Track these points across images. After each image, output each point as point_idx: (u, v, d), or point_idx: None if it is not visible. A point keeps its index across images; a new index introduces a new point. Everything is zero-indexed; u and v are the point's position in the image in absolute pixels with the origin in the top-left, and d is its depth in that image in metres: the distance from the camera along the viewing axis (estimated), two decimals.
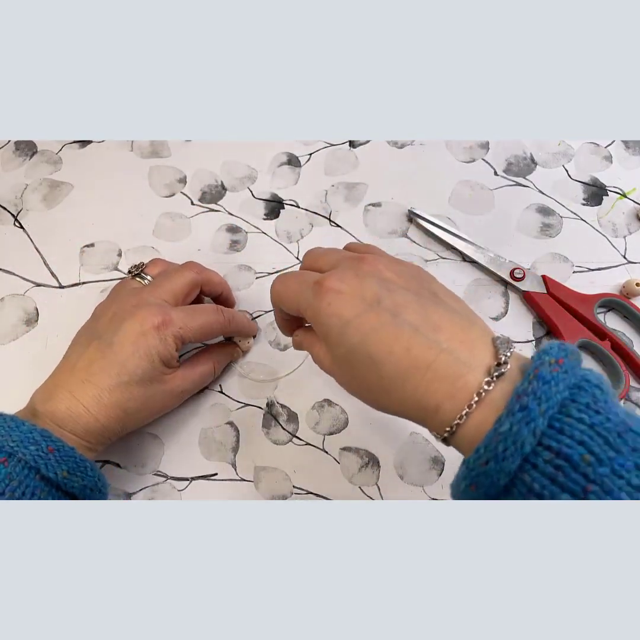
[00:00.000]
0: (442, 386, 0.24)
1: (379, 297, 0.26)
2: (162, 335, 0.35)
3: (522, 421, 0.22)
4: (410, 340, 0.25)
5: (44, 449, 0.29)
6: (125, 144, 0.53)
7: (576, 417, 0.22)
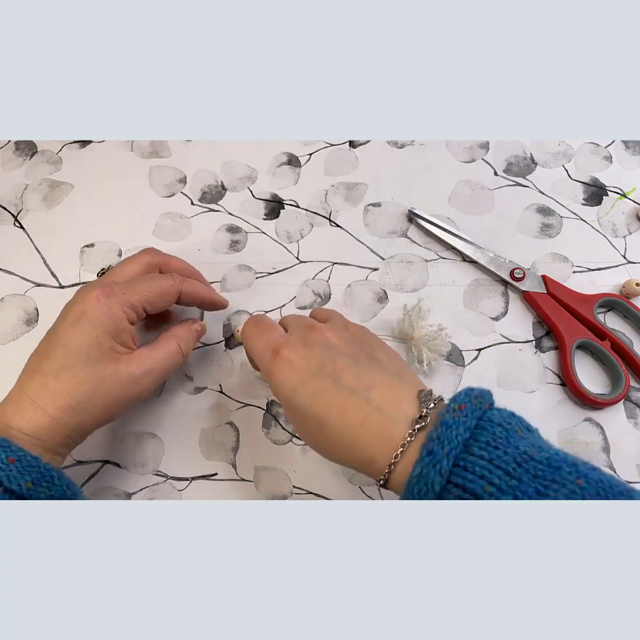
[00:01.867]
0: (373, 440, 0.28)
1: (323, 364, 0.30)
2: (103, 306, 0.32)
3: (429, 464, 0.25)
4: (346, 403, 0.29)
5: (3, 460, 0.28)
6: (125, 144, 0.53)
7: (477, 454, 0.25)
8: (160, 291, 0.35)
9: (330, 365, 0.30)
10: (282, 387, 0.30)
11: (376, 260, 0.47)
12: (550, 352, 0.43)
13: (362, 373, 0.30)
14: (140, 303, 0.34)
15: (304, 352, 0.31)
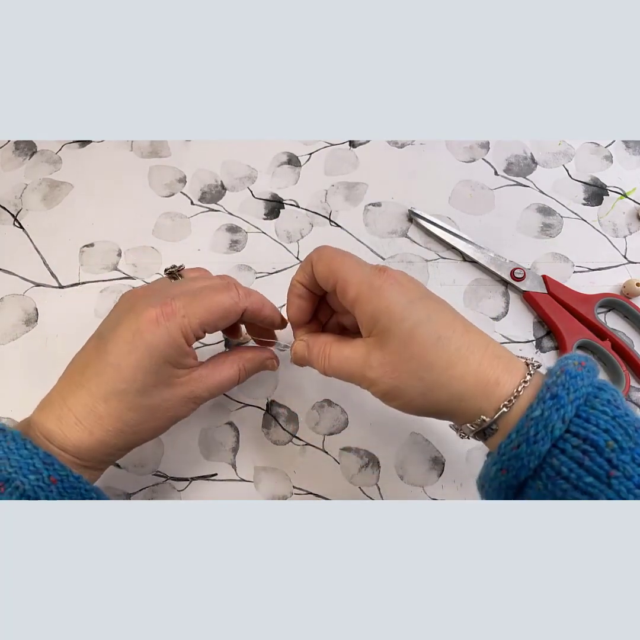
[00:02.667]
0: (501, 362, 0.27)
1: (429, 292, 0.30)
2: (162, 330, 0.28)
3: (552, 408, 0.24)
4: (467, 326, 0.29)
5: (45, 479, 0.26)
6: (125, 143, 0.52)
7: (600, 409, 0.24)
8: (221, 311, 0.31)
9: (439, 297, 0.30)
10: (396, 296, 0.28)
11: (376, 260, 0.47)
12: (550, 352, 0.43)
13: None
14: (201, 326, 0.30)
15: (406, 278, 0.30)
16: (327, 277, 0.30)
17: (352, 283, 0.29)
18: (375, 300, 0.28)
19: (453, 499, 0.38)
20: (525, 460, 0.25)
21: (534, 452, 0.24)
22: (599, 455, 0.23)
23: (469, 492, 0.38)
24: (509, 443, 0.25)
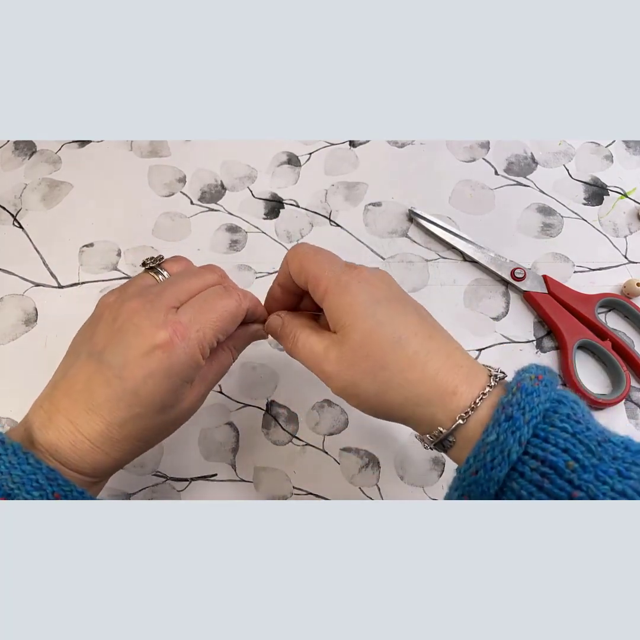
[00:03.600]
0: (461, 372, 0.27)
1: (402, 294, 0.30)
2: (180, 351, 0.27)
3: (508, 430, 0.23)
4: (432, 332, 0.28)
5: (49, 495, 0.25)
6: (124, 143, 0.52)
7: (559, 426, 0.23)
8: (230, 317, 0.30)
9: (410, 299, 0.30)
10: (362, 294, 0.28)
11: (376, 260, 0.47)
12: (551, 352, 0.43)
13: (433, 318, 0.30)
14: (215, 337, 0.29)
15: (378, 277, 0.30)
16: (299, 274, 0.30)
17: (322, 278, 0.29)
18: (341, 297, 0.28)
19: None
20: (484, 487, 0.24)
21: (492, 478, 0.23)
22: (559, 477, 0.22)
23: None
24: (468, 468, 0.24)
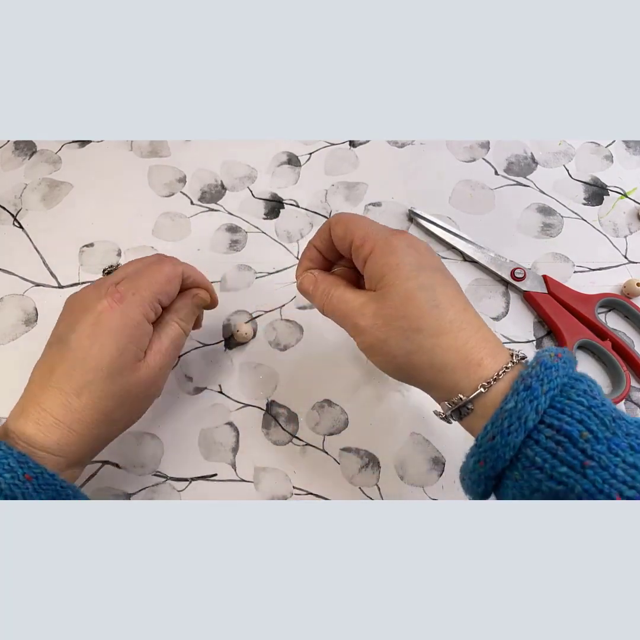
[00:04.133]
0: (488, 346, 0.28)
1: (445, 268, 0.31)
2: (119, 313, 0.30)
3: (526, 399, 0.25)
4: (467, 306, 0.29)
5: (20, 477, 0.26)
6: (124, 143, 0.52)
7: (575, 399, 0.25)
8: (165, 278, 0.33)
9: (449, 273, 0.31)
10: (408, 259, 0.29)
11: None
12: None
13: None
14: (153, 297, 0.32)
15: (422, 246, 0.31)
16: (344, 237, 0.31)
17: (369, 239, 0.30)
18: (388, 256, 0.29)
19: (453, 499, 0.38)
20: (500, 452, 0.25)
21: (508, 444, 0.25)
22: (573, 445, 0.23)
23: None
24: (485, 435, 0.26)
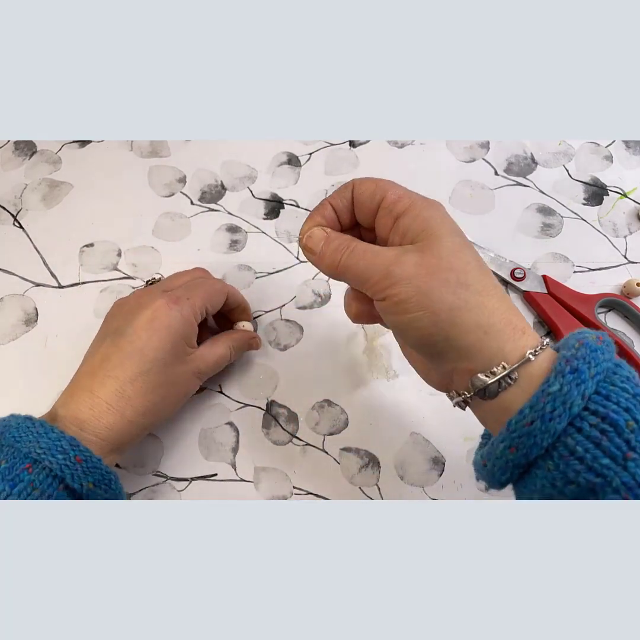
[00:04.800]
0: (525, 321, 0.27)
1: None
2: (175, 312, 0.34)
3: (572, 382, 0.23)
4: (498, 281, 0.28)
5: (71, 459, 0.28)
6: (124, 143, 0.52)
7: (620, 386, 0.23)
8: (215, 291, 0.37)
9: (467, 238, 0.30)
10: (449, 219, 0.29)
11: None
12: None
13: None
14: (203, 305, 0.36)
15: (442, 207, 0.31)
16: (373, 193, 0.29)
17: (405, 195, 0.29)
18: (431, 210, 0.29)
19: (453, 499, 0.38)
20: (538, 438, 0.23)
21: (548, 430, 0.23)
22: (618, 435, 0.22)
23: (469, 492, 0.38)
24: (521, 419, 0.23)
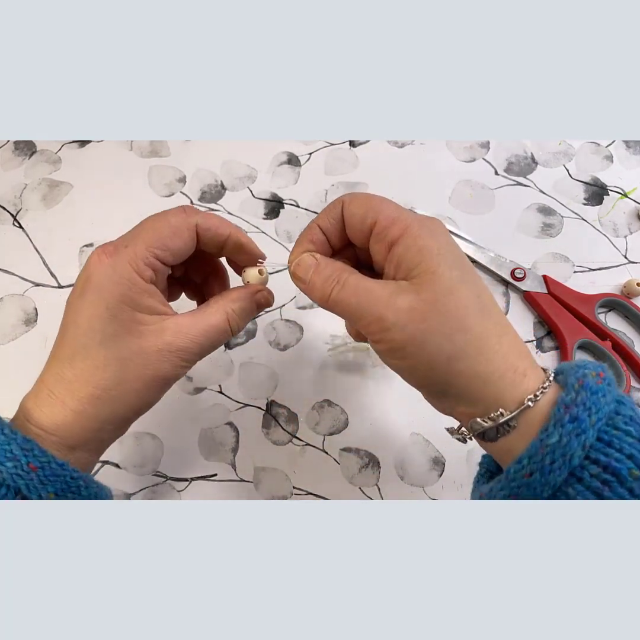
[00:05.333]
0: (529, 355, 0.25)
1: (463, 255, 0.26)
2: (107, 267, 0.25)
3: (572, 433, 0.21)
4: (500, 314, 0.25)
5: (23, 466, 0.23)
6: (124, 143, 0.52)
7: (623, 429, 0.21)
8: (169, 229, 0.27)
9: (469, 264, 0.26)
10: (449, 246, 0.25)
11: None
12: (551, 352, 0.43)
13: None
14: (149, 251, 0.26)
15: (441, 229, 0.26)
16: (364, 216, 0.26)
17: (399, 219, 0.25)
18: (427, 239, 0.25)
19: (453, 499, 0.38)
20: (538, 490, 0.22)
21: (548, 482, 0.22)
22: (621, 484, 0.21)
23: (469, 492, 0.38)
24: (520, 469, 0.22)
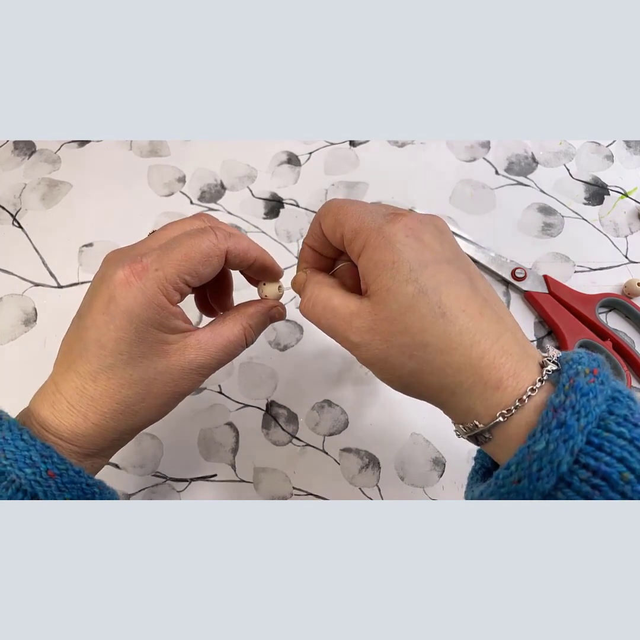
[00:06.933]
0: (508, 361, 0.23)
1: (457, 253, 0.25)
2: (136, 291, 0.25)
3: (559, 439, 0.20)
4: (483, 308, 0.24)
5: (42, 473, 0.24)
6: (124, 143, 0.52)
7: (615, 431, 0.21)
8: (200, 256, 0.27)
9: (463, 262, 0.25)
10: (406, 253, 0.24)
11: None
12: None
13: (488, 288, 0.26)
14: (179, 277, 0.26)
15: (428, 229, 0.25)
16: (334, 230, 0.26)
17: (361, 230, 0.25)
18: (382, 252, 0.24)
19: (454, 500, 0.38)
20: (527, 496, 0.21)
21: (537, 489, 0.21)
22: (612, 488, 0.20)
23: None
24: (509, 475, 0.22)
